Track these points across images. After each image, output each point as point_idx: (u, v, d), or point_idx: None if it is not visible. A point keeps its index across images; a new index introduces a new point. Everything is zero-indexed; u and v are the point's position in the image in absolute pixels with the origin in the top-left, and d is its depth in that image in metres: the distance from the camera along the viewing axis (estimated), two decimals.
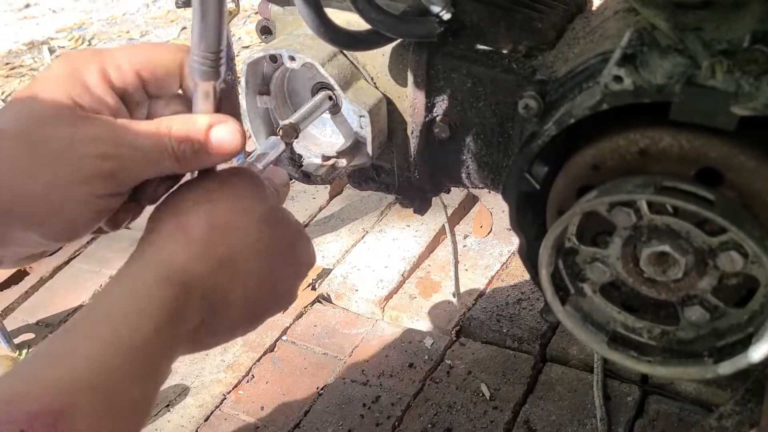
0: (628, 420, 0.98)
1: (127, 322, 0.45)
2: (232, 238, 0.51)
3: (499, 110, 0.73)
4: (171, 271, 0.48)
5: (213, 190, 0.53)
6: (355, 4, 0.67)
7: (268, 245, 0.53)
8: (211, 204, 0.51)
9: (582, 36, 0.72)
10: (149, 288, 0.47)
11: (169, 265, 0.48)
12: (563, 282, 0.64)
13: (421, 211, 0.89)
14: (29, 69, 2.49)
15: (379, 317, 1.23)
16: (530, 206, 0.67)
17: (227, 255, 0.51)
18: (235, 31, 2.53)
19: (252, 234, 0.52)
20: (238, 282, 0.52)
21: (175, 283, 0.47)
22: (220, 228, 0.51)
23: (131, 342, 0.45)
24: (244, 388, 1.12)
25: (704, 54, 0.52)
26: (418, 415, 1.03)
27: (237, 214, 0.52)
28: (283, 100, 0.86)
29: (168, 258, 0.49)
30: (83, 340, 0.44)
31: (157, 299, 0.46)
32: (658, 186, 0.53)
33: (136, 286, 0.47)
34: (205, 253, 0.49)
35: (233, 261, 0.51)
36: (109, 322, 0.45)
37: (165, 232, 0.50)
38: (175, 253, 0.49)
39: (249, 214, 0.53)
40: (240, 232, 0.52)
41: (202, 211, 0.51)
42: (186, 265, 0.48)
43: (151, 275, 0.48)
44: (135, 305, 0.46)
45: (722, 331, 0.60)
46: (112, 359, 0.44)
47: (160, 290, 0.47)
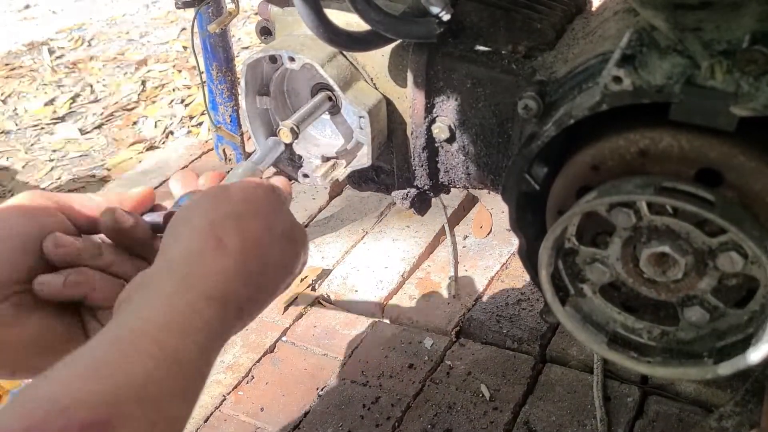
0: (628, 421, 0.98)
1: (174, 338, 0.46)
2: (261, 253, 0.54)
3: (498, 111, 0.73)
4: (212, 290, 0.50)
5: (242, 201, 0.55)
6: (355, 5, 0.67)
7: (285, 256, 0.58)
8: (243, 218, 0.54)
9: (581, 36, 0.72)
10: (194, 305, 0.48)
11: (210, 282, 0.50)
12: (563, 283, 0.64)
13: (421, 212, 0.89)
14: (29, 70, 2.49)
15: (379, 318, 1.23)
16: (530, 207, 0.67)
17: (255, 270, 0.54)
18: (234, 32, 2.53)
19: (276, 248, 0.56)
20: (261, 291, 0.55)
21: (218, 300, 0.50)
22: (252, 245, 0.53)
23: (177, 357, 0.46)
24: (243, 389, 1.12)
25: (704, 54, 0.52)
26: (418, 415, 1.03)
27: (265, 229, 0.55)
28: (283, 101, 0.86)
29: (209, 276, 0.50)
30: (130, 352, 0.45)
31: (201, 316, 0.48)
32: (657, 186, 0.53)
33: (182, 302, 0.48)
34: (241, 269, 0.52)
35: (260, 274, 0.54)
36: (156, 336, 0.46)
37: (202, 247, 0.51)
38: (215, 271, 0.51)
39: (273, 229, 0.56)
40: (267, 247, 0.55)
41: (233, 225, 0.53)
42: (225, 282, 0.51)
43: (195, 293, 0.49)
44: (181, 322, 0.47)
45: (722, 332, 0.60)
46: (158, 373, 0.44)
47: (204, 308, 0.48)
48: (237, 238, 0.52)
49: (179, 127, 1.99)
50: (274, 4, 0.83)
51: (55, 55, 2.59)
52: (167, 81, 2.28)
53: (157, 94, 2.20)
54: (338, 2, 0.76)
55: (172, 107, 2.11)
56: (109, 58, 2.50)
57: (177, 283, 0.49)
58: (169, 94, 2.19)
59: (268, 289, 0.56)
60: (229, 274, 0.51)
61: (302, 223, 1.47)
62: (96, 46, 2.65)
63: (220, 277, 0.50)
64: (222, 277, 0.50)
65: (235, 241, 0.52)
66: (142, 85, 2.27)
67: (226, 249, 0.51)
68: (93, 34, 2.75)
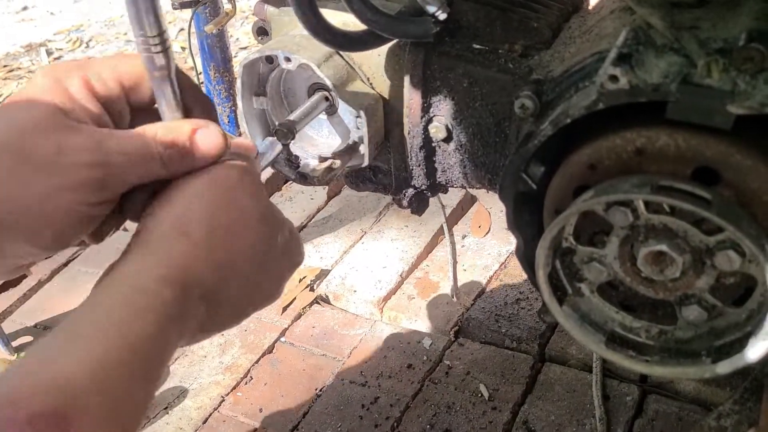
0: (627, 419, 0.98)
1: (130, 323, 0.45)
2: (231, 241, 0.52)
3: (495, 110, 0.73)
4: (171, 272, 0.48)
5: (212, 188, 0.53)
6: (351, 5, 0.66)
7: (263, 245, 0.54)
8: (211, 205, 0.52)
9: (578, 35, 0.72)
10: (151, 288, 0.47)
11: (169, 266, 0.48)
12: (561, 282, 0.64)
13: (419, 212, 0.89)
14: (27, 71, 2.49)
15: (378, 318, 1.23)
16: (527, 206, 0.67)
17: (226, 257, 0.51)
18: (232, 32, 2.53)
19: (250, 236, 0.53)
20: (234, 282, 0.52)
21: (176, 284, 0.48)
22: (220, 230, 0.51)
23: (134, 342, 0.45)
24: (242, 390, 1.12)
25: (700, 53, 0.52)
26: (417, 416, 1.03)
27: (236, 214, 0.52)
28: (280, 101, 0.85)
29: (168, 259, 0.49)
30: (85, 340, 0.44)
31: (158, 300, 0.47)
32: (654, 185, 0.53)
33: (137, 286, 0.47)
34: (205, 257, 0.50)
35: (232, 262, 0.52)
36: (112, 322, 0.45)
37: (164, 233, 0.50)
38: (176, 255, 0.49)
39: (247, 215, 0.53)
40: (239, 234, 0.52)
41: (202, 212, 0.51)
42: (186, 267, 0.49)
43: (152, 276, 0.48)
44: (137, 306, 0.46)
45: (720, 331, 0.59)
46: (115, 360, 0.44)
47: (161, 291, 0.47)
48: (203, 228, 0.50)
49: None
50: (270, 4, 0.83)
51: (54, 57, 2.59)
52: None
53: None
54: (334, 2, 0.76)
55: None
56: None
57: (136, 266, 0.48)
58: None
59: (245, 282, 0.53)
60: (190, 259, 0.49)
61: (301, 223, 1.47)
62: (94, 47, 2.65)
63: (180, 262, 0.49)
64: (182, 261, 0.49)
65: (201, 229, 0.50)
66: None
67: (191, 235, 0.50)
68: (91, 35, 2.75)
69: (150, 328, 0.45)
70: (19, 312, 1.35)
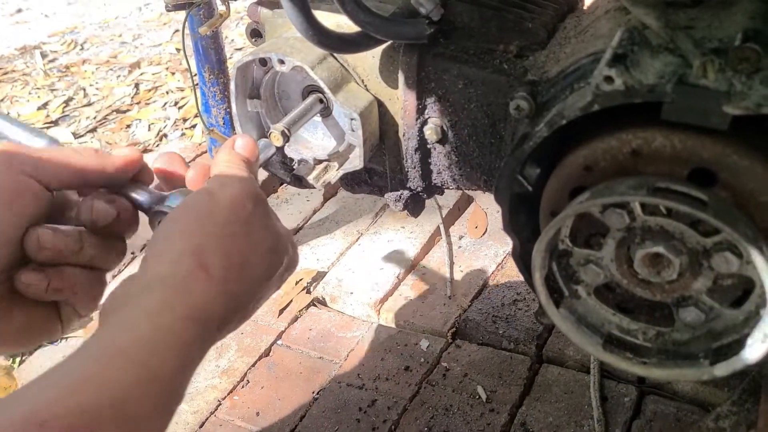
0: (626, 420, 0.97)
1: (155, 356, 0.47)
2: (244, 274, 0.54)
3: (490, 111, 0.73)
4: (194, 311, 0.50)
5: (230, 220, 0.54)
6: (344, 7, 0.66)
7: (270, 272, 0.58)
8: (229, 240, 0.54)
9: (573, 35, 0.72)
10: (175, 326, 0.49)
11: (192, 304, 0.50)
12: (557, 284, 0.63)
13: (415, 214, 0.88)
14: (22, 74, 2.48)
15: (375, 320, 1.23)
16: (523, 208, 0.66)
17: (239, 289, 0.54)
18: (227, 33, 2.52)
19: (261, 266, 0.56)
20: (242, 306, 0.56)
21: (198, 321, 0.50)
22: (236, 265, 0.54)
23: (158, 374, 0.46)
24: (239, 394, 1.11)
25: (695, 53, 0.51)
26: (415, 418, 1.02)
27: (250, 248, 0.55)
28: (274, 104, 0.85)
29: (191, 297, 0.51)
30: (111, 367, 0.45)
31: (181, 337, 0.49)
32: (651, 187, 0.53)
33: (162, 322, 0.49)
34: (222, 292, 0.52)
35: (243, 292, 0.55)
36: (137, 353, 0.46)
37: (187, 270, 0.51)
38: (198, 293, 0.51)
39: (259, 247, 0.56)
40: (251, 267, 0.55)
41: (221, 248, 0.53)
42: (207, 305, 0.51)
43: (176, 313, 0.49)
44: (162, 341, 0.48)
45: (718, 332, 0.59)
46: (137, 391, 0.45)
47: (184, 329, 0.49)
48: (221, 262, 0.52)
49: (173, 129, 1.98)
50: (263, 6, 0.82)
51: (48, 59, 2.58)
52: (160, 83, 2.27)
53: (151, 96, 2.19)
54: (328, 4, 0.76)
55: (166, 110, 2.10)
56: (101, 62, 2.49)
57: (159, 303, 0.49)
58: (163, 96, 2.18)
59: (250, 304, 0.57)
60: (210, 297, 0.51)
61: (297, 225, 1.46)
62: (89, 49, 2.64)
63: (201, 299, 0.50)
64: (203, 299, 0.50)
65: (219, 265, 0.52)
66: (136, 87, 2.26)
67: (209, 272, 0.51)
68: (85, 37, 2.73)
69: (173, 366, 0.47)
70: None
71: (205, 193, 0.55)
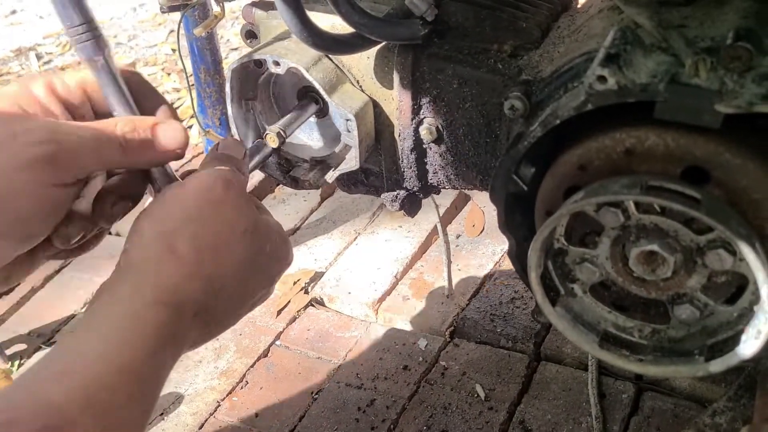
0: (624, 417, 0.98)
1: (123, 344, 0.47)
2: (219, 255, 0.53)
3: (485, 111, 0.73)
4: (164, 294, 0.50)
5: (197, 203, 0.53)
6: (338, 8, 0.66)
7: (252, 254, 0.55)
8: (197, 222, 0.52)
9: (567, 34, 0.72)
10: (143, 310, 0.48)
11: (161, 287, 0.50)
12: (553, 283, 0.64)
13: (411, 214, 0.89)
14: (17, 76, 2.48)
15: (373, 320, 1.23)
16: (518, 207, 0.67)
17: (216, 272, 0.52)
18: (222, 33, 2.52)
19: (238, 248, 0.54)
20: (226, 294, 0.54)
21: (169, 305, 0.49)
22: (208, 246, 0.52)
23: (128, 363, 0.46)
24: (238, 395, 1.11)
25: (687, 52, 0.52)
26: (414, 417, 1.03)
27: (223, 229, 0.53)
28: (270, 105, 0.85)
29: (158, 280, 0.50)
30: (80, 360, 0.46)
31: (151, 321, 0.48)
32: (644, 186, 0.53)
33: (130, 308, 0.49)
34: (195, 273, 0.51)
35: (222, 276, 0.53)
36: (106, 343, 0.47)
37: (152, 252, 0.51)
38: (165, 275, 0.50)
39: (234, 228, 0.54)
40: (227, 248, 0.53)
41: (189, 230, 0.52)
42: (177, 287, 0.50)
43: (145, 297, 0.49)
44: (130, 327, 0.48)
45: (713, 329, 0.59)
46: (109, 379, 0.45)
47: (154, 313, 0.49)
48: (190, 243, 0.51)
49: None
50: (258, 7, 0.82)
51: (43, 61, 2.58)
52: (156, 84, 2.26)
53: None
54: (322, 5, 0.76)
55: None
56: None
57: (129, 290, 0.49)
58: None
59: (236, 292, 0.55)
60: (180, 279, 0.50)
61: (294, 225, 1.46)
62: None
63: (170, 282, 0.50)
64: (172, 282, 0.50)
65: (189, 246, 0.51)
66: None
67: (179, 254, 0.51)
68: None
69: (144, 352, 0.47)
70: (12, 320, 1.35)
71: (175, 185, 0.55)
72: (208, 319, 0.53)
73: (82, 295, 1.36)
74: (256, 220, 0.56)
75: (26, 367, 1.22)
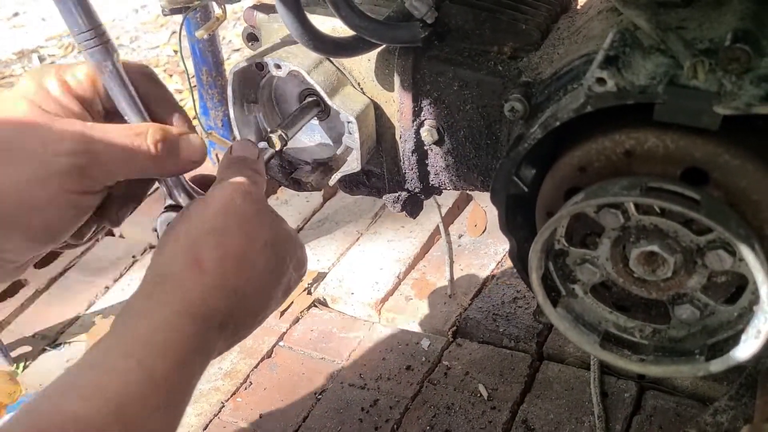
0: (626, 416, 0.98)
1: (151, 355, 0.48)
2: (242, 267, 0.54)
3: (486, 113, 0.73)
4: (191, 306, 0.50)
5: (220, 218, 0.54)
6: (339, 11, 0.67)
7: (273, 265, 0.57)
8: (221, 234, 0.54)
9: (567, 36, 0.72)
10: (172, 323, 0.49)
11: (188, 300, 0.51)
12: (554, 284, 0.64)
13: (413, 215, 0.89)
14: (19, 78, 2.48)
15: (376, 320, 1.23)
16: (519, 209, 0.67)
17: (239, 283, 0.54)
18: (224, 35, 2.53)
19: (260, 259, 0.56)
20: (248, 303, 0.55)
21: (196, 317, 0.50)
22: (231, 258, 0.53)
23: (153, 374, 0.47)
24: (242, 396, 1.12)
25: (686, 54, 0.52)
26: (417, 417, 1.03)
27: (245, 241, 0.55)
28: (271, 108, 0.85)
29: (184, 293, 0.51)
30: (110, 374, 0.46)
31: (178, 333, 0.49)
32: (644, 187, 0.53)
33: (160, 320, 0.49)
34: (220, 285, 0.52)
35: (244, 287, 0.54)
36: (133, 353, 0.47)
37: (180, 267, 0.52)
38: (191, 288, 0.51)
39: (256, 240, 0.55)
40: (249, 260, 0.55)
41: (213, 242, 0.53)
42: (203, 299, 0.51)
43: (173, 310, 0.50)
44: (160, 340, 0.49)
45: (713, 329, 0.60)
46: (135, 390, 0.46)
47: (182, 325, 0.50)
48: (215, 254, 0.52)
49: None
50: (259, 10, 0.83)
51: (46, 63, 2.58)
52: None
53: None
54: (323, 8, 0.76)
55: None
56: None
57: (156, 303, 0.50)
58: None
59: (258, 301, 0.56)
60: (206, 291, 0.51)
61: (296, 226, 1.47)
62: None
63: (197, 294, 0.51)
64: (198, 294, 0.51)
65: (213, 258, 0.52)
66: None
67: (203, 266, 0.52)
68: None
69: (173, 363, 0.48)
70: (17, 322, 1.35)
71: (198, 200, 0.57)
72: (232, 328, 0.54)
73: (86, 297, 1.37)
74: (277, 232, 0.58)
75: (32, 369, 1.23)
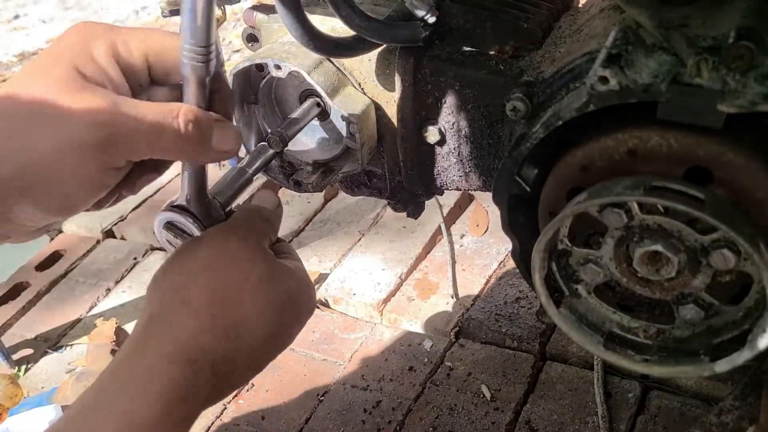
0: (630, 416, 0.98)
1: (138, 402, 0.47)
2: (233, 306, 0.52)
3: (488, 112, 0.73)
4: (178, 350, 0.49)
5: (210, 256, 0.53)
6: (339, 11, 0.66)
7: (268, 302, 0.55)
8: (210, 273, 0.52)
9: (568, 35, 0.72)
10: (153, 368, 0.48)
11: (174, 343, 0.49)
12: (557, 284, 0.64)
13: (414, 216, 0.89)
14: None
15: (378, 321, 1.23)
16: (522, 209, 0.66)
17: (231, 323, 0.52)
18: (225, 35, 2.53)
19: (253, 297, 0.53)
20: (243, 344, 0.53)
21: (183, 361, 0.49)
22: (220, 298, 0.52)
23: (143, 421, 0.46)
24: (244, 398, 1.12)
25: (689, 52, 0.51)
26: (420, 418, 1.03)
27: (236, 279, 0.53)
28: (272, 108, 0.85)
29: (171, 334, 0.50)
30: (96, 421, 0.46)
31: (161, 378, 0.48)
32: (647, 187, 0.53)
33: (145, 366, 0.48)
34: (209, 326, 0.51)
35: (237, 327, 0.52)
36: (121, 401, 0.47)
37: (169, 308, 0.51)
38: (179, 328, 0.50)
39: (248, 277, 0.54)
40: (241, 298, 0.53)
41: (201, 283, 0.52)
42: (192, 342, 0.50)
43: (160, 355, 0.49)
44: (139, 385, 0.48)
45: (718, 329, 0.59)
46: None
47: (164, 370, 0.48)
48: (203, 295, 0.51)
49: None
50: (259, 11, 0.82)
51: None
52: None
53: None
54: (323, 8, 0.76)
55: None
56: None
57: (143, 345, 0.49)
58: None
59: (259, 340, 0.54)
60: (193, 333, 0.50)
61: (298, 227, 1.47)
62: None
63: (184, 335, 0.49)
64: (186, 335, 0.49)
65: (201, 298, 0.51)
66: None
67: (191, 307, 0.50)
68: None
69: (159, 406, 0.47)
70: (18, 324, 1.35)
71: (190, 240, 0.55)
72: (227, 370, 0.52)
73: (88, 300, 1.37)
74: (272, 268, 0.56)
75: (33, 372, 1.23)
